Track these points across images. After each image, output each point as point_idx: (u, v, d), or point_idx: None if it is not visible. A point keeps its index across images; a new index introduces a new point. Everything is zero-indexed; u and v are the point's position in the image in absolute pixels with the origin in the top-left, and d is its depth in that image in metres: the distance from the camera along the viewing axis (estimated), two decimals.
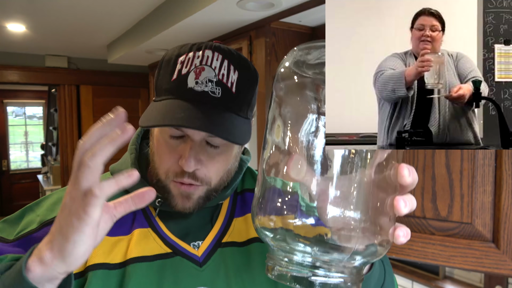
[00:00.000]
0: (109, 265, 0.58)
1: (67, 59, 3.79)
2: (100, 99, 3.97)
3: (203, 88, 0.56)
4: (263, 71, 1.85)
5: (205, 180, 0.61)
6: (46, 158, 5.27)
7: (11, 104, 6.62)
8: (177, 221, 0.66)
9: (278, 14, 1.71)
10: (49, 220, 0.60)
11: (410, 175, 0.38)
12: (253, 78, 0.63)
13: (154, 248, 0.62)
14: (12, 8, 2.27)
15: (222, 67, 0.58)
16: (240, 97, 0.60)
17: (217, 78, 0.57)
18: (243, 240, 0.67)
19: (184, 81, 0.57)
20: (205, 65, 0.57)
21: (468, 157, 0.72)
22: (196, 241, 0.65)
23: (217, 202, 0.69)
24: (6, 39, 3.02)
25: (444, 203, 0.75)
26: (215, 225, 0.67)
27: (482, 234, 0.72)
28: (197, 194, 0.62)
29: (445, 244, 0.75)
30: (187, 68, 0.58)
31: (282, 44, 1.84)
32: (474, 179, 0.72)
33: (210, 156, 0.60)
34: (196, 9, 1.74)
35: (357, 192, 0.37)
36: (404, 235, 0.38)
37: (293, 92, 0.41)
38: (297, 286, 0.37)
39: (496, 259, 0.70)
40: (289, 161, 0.38)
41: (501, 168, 0.70)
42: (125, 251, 0.60)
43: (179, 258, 0.62)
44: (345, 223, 0.36)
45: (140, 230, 0.62)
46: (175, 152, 0.59)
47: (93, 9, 2.26)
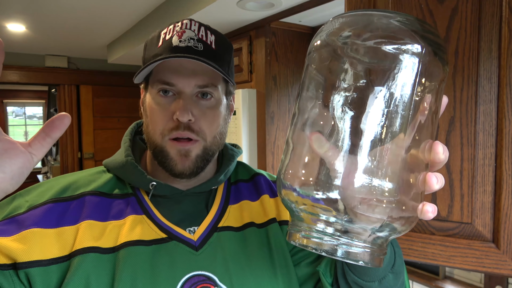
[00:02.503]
0: (101, 249, 0.58)
1: (67, 59, 3.79)
2: (100, 99, 3.97)
3: (186, 44, 0.63)
4: (263, 71, 1.85)
5: (200, 133, 0.64)
6: (46, 158, 5.27)
7: (11, 104, 6.62)
8: (172, 207, 0.67)
9: (278, 14, 1.71)
10: (37, 205, 0.61)
11: (444, 152, 0.39)
12: (228, 42, 0.70)
13: (149, 233, 0.62)
14: (12, 8, 2.27)
15: (200, 30, 0.66)
16: (220, 53, 0.66)
17: (198, 37, 0.64)
18: (239, 225, 0.68)
19: (169, 42, 0.64)
20: (185, 29, 0.65)
21: (468, 157, 0.72)
22: (192, 226, 0.66)
23: (210, 187, 0.70)
24: (6, 39, 3.02)
25: (444, 203, 0.75)
26: (211, 211, 0.69)
27: (482, 234, 0.72)
28: (194, 152, 0.64)
29: (445, 244, 0.75)
30: (170, 34, 0.65)
31: (282, 44, 1.84)
32: (474, 179, 0.72)
33: (201, 110, 0.64)
34: (196, 9, 1.74)
35: (389, 162, 0.36)
36: (432, 211, 0.38)
37: (326, 63, 0.40)
38: (320, 252, 0.37)
39: (496, 259, 0.70)
40: (311, 134, 0.38)
41: (501, 168, 0.70)
42: (117, 236, 0.60)
43: (174, 242, 0.62)
44: (375, 192, 0.36)
45: (134, 217, 0.63)
46: (168, 110, 0.63)
47: (93, 9, 2.26)
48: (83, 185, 0.65)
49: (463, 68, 0.72)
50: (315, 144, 0.38)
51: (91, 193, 0.64)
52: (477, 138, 0.71)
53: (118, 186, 0.67)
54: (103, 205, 0.63)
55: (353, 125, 0.36)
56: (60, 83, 3.80)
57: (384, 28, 0.37)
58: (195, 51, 0.63)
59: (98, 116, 3.98)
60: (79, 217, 0.61)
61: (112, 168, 0.69)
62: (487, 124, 0.71)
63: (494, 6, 0.69)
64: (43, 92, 6.41)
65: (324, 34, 0.40)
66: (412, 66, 0.36)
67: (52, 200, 0.61)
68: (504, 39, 0.68)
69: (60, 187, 0.64)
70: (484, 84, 0.70)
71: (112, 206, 0.64)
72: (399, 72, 0.36)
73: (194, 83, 0.63)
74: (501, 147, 0.69)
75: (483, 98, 0.71)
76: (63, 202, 0.62)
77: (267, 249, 0.67)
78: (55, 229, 0.58)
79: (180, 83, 0.63)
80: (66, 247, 0.58)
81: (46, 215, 0.59)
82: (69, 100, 3.84)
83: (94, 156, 3.96)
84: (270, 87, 1.86)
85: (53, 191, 0.63)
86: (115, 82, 4.01)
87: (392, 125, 0.36)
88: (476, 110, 0.71)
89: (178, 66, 0.63)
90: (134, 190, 0.67)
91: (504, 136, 0.69)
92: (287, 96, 1.89)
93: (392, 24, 0.37)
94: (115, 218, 0.62)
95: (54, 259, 0.57)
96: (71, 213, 0.61)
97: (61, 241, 0.58)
